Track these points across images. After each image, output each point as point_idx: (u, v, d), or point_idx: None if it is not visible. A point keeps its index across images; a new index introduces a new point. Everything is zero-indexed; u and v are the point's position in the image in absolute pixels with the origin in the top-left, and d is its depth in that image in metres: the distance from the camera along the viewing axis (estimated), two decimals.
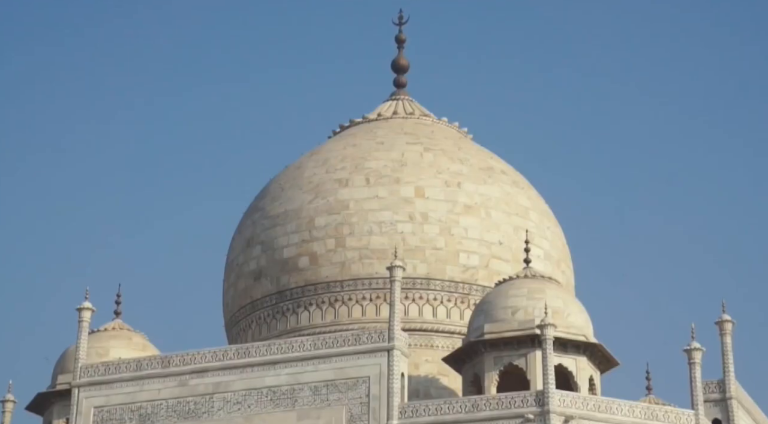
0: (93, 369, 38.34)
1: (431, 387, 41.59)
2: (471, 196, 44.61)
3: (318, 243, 44.06)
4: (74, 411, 37.89)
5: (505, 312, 37.97)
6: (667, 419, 35.23)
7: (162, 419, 37.16)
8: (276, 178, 47.50)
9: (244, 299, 45.71)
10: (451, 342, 42.19)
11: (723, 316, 38.60)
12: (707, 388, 37.82)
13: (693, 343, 36.45)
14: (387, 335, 36.25)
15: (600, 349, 37.93)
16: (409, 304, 43.01)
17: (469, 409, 35.01)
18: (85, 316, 39.02)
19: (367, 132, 47.44)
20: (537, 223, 45.43)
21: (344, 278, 43.58)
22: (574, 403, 34.64)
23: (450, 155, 45.85)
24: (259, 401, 36.64)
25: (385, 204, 44.08)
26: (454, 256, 43.68)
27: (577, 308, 38.85)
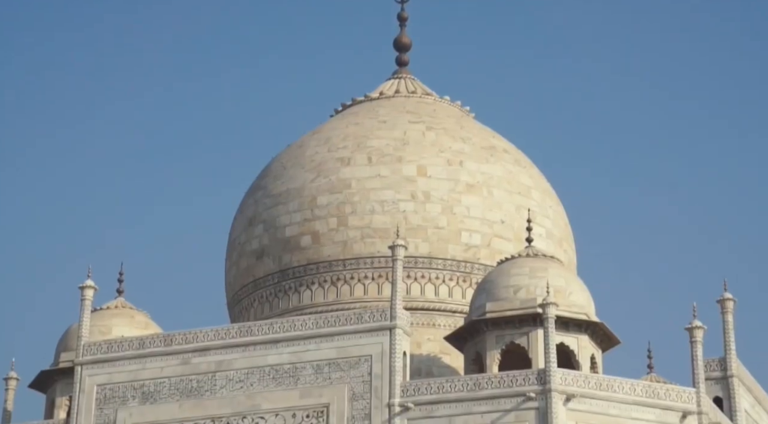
0: (96, 347, 38.42)
1: (433, 366, 41.66)
2: (473, 175, 44.58)
3: (320, 222, 44.07)
4: (77, 389, 37.98)
5: (507, 291, 38.00)
6: (669, 397, 35.30)
7: (164, 397, 37.25)
8: (278, 156, 47.48)
9: (246, 277, 45.76)
10: (453, 321, 42.24)
11: (724, 294, 38.65)
12: (708, 366, 37.90)
13: (694, 321, 36.49)
14: (389, 313, 36.31)
15: (602, 327, 37.99)
16: (411, 283, 43.05)
17: (471, 387, 35.08)
18: (87, 294, 39.08)
19: (369, 111, 47.38)
20: (539, 202, 45.41)
21: (346, 256, 43.60)
22: (576, 381, 34.71)
23: (452, 134, 45.81)
24: (262, 379, 36.73)
25: (387, 183, 44.05)
26: (456, 235, 43.69)
27: (579, 287, 38.89)
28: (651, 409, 34.96)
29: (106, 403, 37.65)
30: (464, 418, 34.71)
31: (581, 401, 34.49)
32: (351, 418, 35.46)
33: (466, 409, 34.79)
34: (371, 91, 49.18)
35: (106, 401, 37.70)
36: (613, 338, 38.60)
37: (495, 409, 34.58)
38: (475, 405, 34.77)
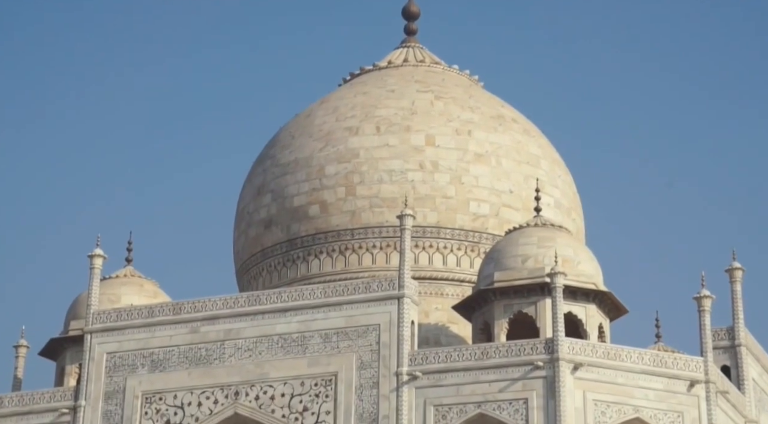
0: (105, 315, 38.57)
1: (441, 335, 41.76)
2: (481, 145, 44.52)
3: (328, 191, 44.08)
4: (87, 357, 38.16)
5: (515, 260, 38.03)
6: (676, 366, 35.36)
7: (174, 365, 37.41)
8: (286, 126, 47.44)
9: (254, 247, 45.83)
10: (461, 290, 42.31)
11: (733, 264, 38.64)
12: (716, 335, 37.95)
13: (703, 291, 36.50)
14: (397, 283, 36.36)
15: (609, 297, 38.02)
16: (419, 252, 43.09)
17: (479, 356, 35.15)
18: (96, 263, 39.19)
19: (378, 80, 47.28)
20: (548, 171, 45.35)
21: (354, 226, 43.63)
22: (584, 350, 34.77)
23: (460, 103, 45.71)
24: (270, 348, 36.85)
25: (396, 152, 44.02)
26: (465, 204, 43.68)
27: (587, 256, 38.90)
28: (658, 378, 35.04)
29: (115, 371, 37.83)
30: (472, 387, 34.81)
31: (589, 370, 34.57)
32: (359, 386, 35.58)
33: (474, 378, 34.88)
34: (380, 61, 49.06)
35: (116, 369, 37.87)
36: (621, 308, 38.65)
37: (502, 378, 34.67)
38: (482, 374, 34.86)
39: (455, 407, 34.80)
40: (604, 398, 34.50)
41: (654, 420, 34.67)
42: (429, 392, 35.04)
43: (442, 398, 34.91)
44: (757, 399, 38.68)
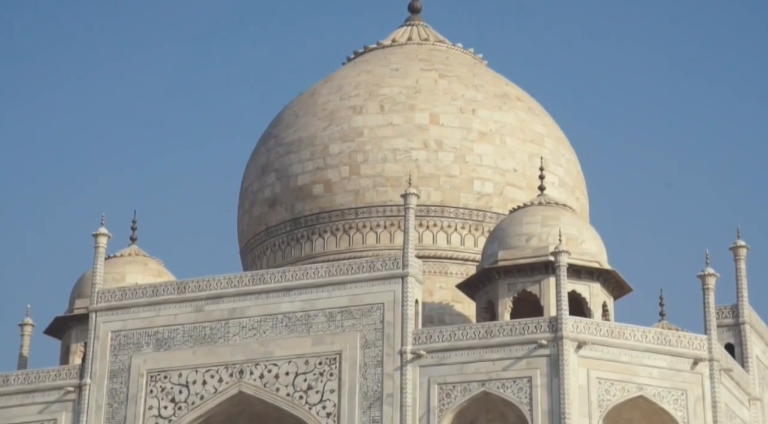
0: (110, 294, 38.64)
1: (445, 314, 41.81)
2: (486, 123, 44.46)
3: (332, 170, 44.05)
4: (92, 335, 38.24)
5: (519, 239, 38.03)
6: (680, 344, 35.40)
7: (178, 344, 37.50)
8: (290, 105, 47.39)
9: (258, 226, 45.86)
10: (465, 269, 42.32)
11: (738, 241, 38.62)
12: (720, 313, 37.95)
13: (707, 269, 36.48)
14: (401, 261, 36.38)
15: (613, 275, 38.04)
16: (423, 231, 43.10)
17: (483, 335, 35.20)
18: (101, 242, 39.24)
19: (382, 58, 47.17)
20: (552, 150, 45.29)
21: (358, 205, 43.62)
22: (587, 329, 34.80)
23: (465, 82, 45.62)
24: (275, 326, 36.91)
25: (400, 131, 43.97)
26: (469, 183, 43.65)
27: (591, 235, 38.90)
28: (662, 356, 35.07)
29: (120, 349, 37.93)
30: (476, 365, 34.86)
31: (593, 349, 34.61)
32: (363, 365, 35.64)
33: (478, 356, 34.93)
34: (383, 39, 48.94)
35: (121, 348, 37.97)
36: (625, 286, 38.66)
37: (506, 356, 34.73)
38: (486, 353, 34.91)
39: (459, 385, 34.86)
40: (608, 376, 34.56)
41: (658, 398, 34.73)
42: (433, 371, 35.11)
43: (446, 377, 34.97)
44: (760, 377, 38.73)
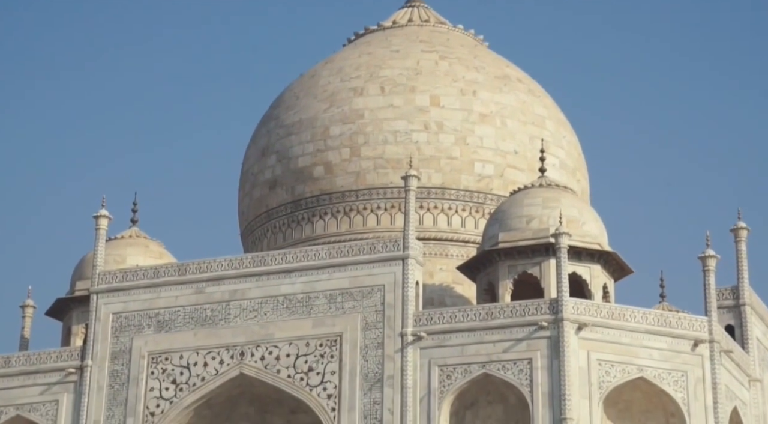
0: (111, 276, 38.67)
1: (446, 295, 41.85)
2: (486, 105, 44.40)
3: (333, 152, 44.03)
4: (93, 317, 38.29)
5: (520, 221, 38.03)
6: (680, 325, 35.43)
7: (179, 326, 37.55)
8: (290, 86, 47.32)
9: (259, 207, 45.86)
10: (466, 251, 42.34)
11: (738, 223, 38.61)
12: (721, 295, 37.97)
13: (708, 250, 36.49)
14: (402, 243, 36.39)
15: (614, 257, 38.05)
16: (424, 213, 43.10)
17: (483, 317, 35.22)
18: (102, 224, 39.25)
19: (382, 40, 47.08)
20: (553, 132, 45.25)
21: (359, 187, 43.62)
22: (588, 310, 34.83)
23: (465, 63, 45.54)
24: (275, 308, 36.95)
25: (400, 113, 43.93)
26: (469, 165, 43.63)
27: (592, 217, 38.89)
28: (663, 337, 35.11)
29: (121, 331, 37.98)
30: (476, 347, 34.90)
31: (593, 330, 34.64)
32: (364, 347, 35.68)
33: (479, 338, 34.97)
34: (384, 20, 48.83)
35: (122, 329, 38.02)
36: (626, 268, 38.68)
37: (507, 338, 34.76)
38: (487, 334, 34.95)
39: (460, 367, 34.91)
40: (609, 357, 34.60)
41: (658, 380, 34.79)
42: (433, 353, 35.15)
43: (447, 359, 35.02)
44: (761, 358, 38.79)
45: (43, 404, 38.09)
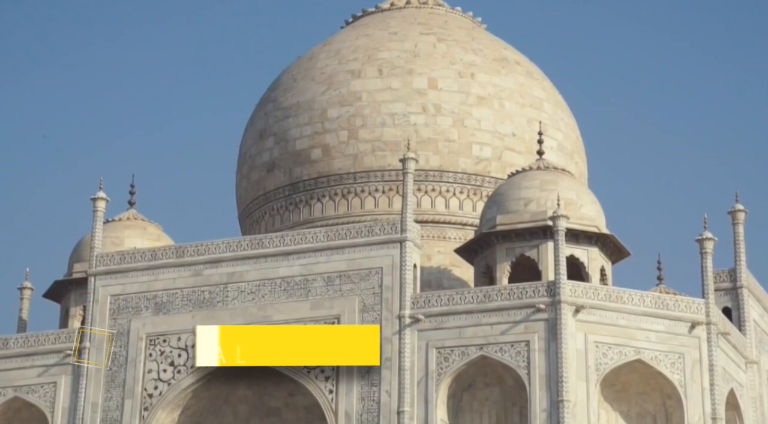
0: (108, 258, 38.68)
1: (443, 278, 41.89)
2: (484, 88, 44.36)
3: (330, 135, 44.00)
4: (91, 299, 38.31)
5: (518, 204, 38.04)
6: (678, 308, 35.49)
7: (177, 308, 37.58)
8: (288, 69, 47.24)
9: (257, 190, 45.85)
10: (464, 234, 42.37)
11: (736, 205, 38.64)
12: (718, 277, 38.05)
13: (705, 233, 36.54)
14: (399, 226, 36.41)
15: (612, 240, 38.08)
16: (422, 196, 43.10)
17: (481, 299, 35.27)
18: (99, 206, 39.24)
19: (380, 22, 46.99)
20: (551, 114, 45.23)
21: (357, 170, 43.61)
22: (585, 293, 34.89)
23: (463, 46, 45.48)
24: (273, 291, 36.97)
25: (398, 95, 43.88)
26: (467, 148, 43.62)
27: (590, 200, 38.91)
28: (660, 320, 35.18)
29: (119, 313, 38.02)
30: (474, 329, 34.97)
31: (590, 313, 34.70)
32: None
33: (476, 321, 35.03)
34: (382, 2, 48.72)
35: (120, 311, 38.06)
36: (623, 250, 38.72)
37: (505, 321, 34.82)
38: (484, 317, 35.00)
39: (457, 349, 34.97)
40: (606, 340, 34.67)
41: (655, 362, 34.87)
42: (431, 335, 35.21)
43: (444, 341, 35.08)
44: (758, 340, 38.87)
45: (41, 386, 38.15)
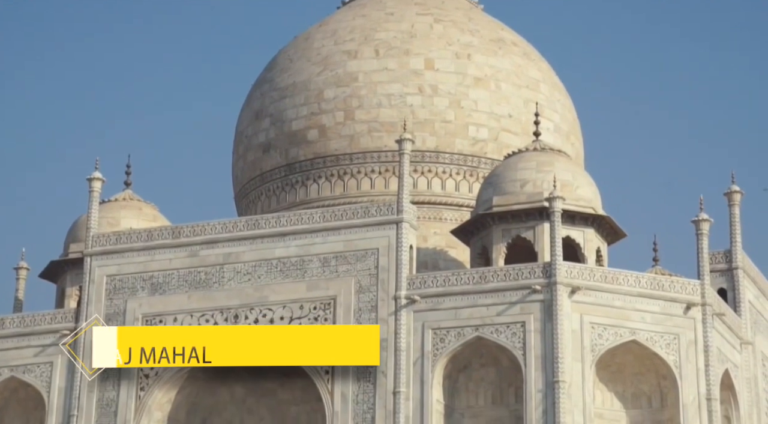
0: (105, 238, 38.66)
1: (439, 259, 41.93)
2: (481, 69, 44.30)
3: (327, 116, 43.95)
4: (87, 279, 38.32)
5: (514, 185, 38.05)
6: (673, 289, 35.55)
7: (173, 289, 37.59)
8: (284, 49, 47.14)
9: (253, 171, 45.82)
10: (460, 215, 42.39)
11: (732, 187, 38.66)
12: (714, 258, 38.08)
13: (701, 214, 36.57)
14: (396, 207, 36.42)
15: (608, 221, 38.11)
16: (418, 177, 43.09)
17: (477, 280, 35.31)
18: (95, 186, 39.19)
19: (377, 2, 46.87)
20: (547, 95, 45.19)
21: (353, 150, 43.58)
22: (581, 274, 34.93)
23: (460, 26, 45.40)
24: (269, 271, 36.99)
25: (395, 76, 43.83)
26: (464, 129, 43.59)
27: (586, 181, 38.92)
28: (655, 301, 35.24)
29: (115, 293, 38.03)
30: (470, 310, 35.02)
31: (586, 294, 34.76)
32: (357, 310, 35.77)
33: (472, 301, 35.08)
34: None
35: (116, 292, 38.06)
36: (619, 232, 38.75)
37: (500, 301, 34.87)
38: (480, 298, 35.05)
39: (453, 330, 35.03)
40: (601, 321, 34.74)
41: (650, 343, 34.94)
42: (427, 316, 35.25)
43: (441, 322, 35.13)
44: (753, 321, 38.96)
45: (38, 366, 38.20)
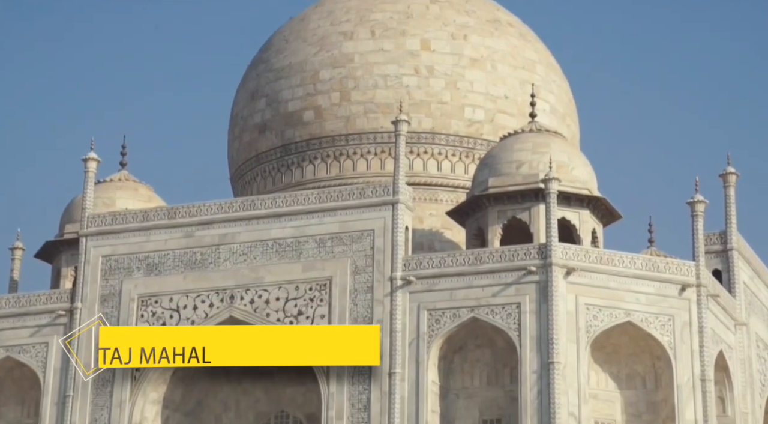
0: (100, 219, 38.62)
1: (435, 240, 41.94)
2: (477, 50, 44.23)
3: (323, 97, 43.89)
4: (82, 260, 38.29)
5: (510, 166, 38.04)
6: (668, 270, 35.59)
7: (169, 269, 37.59)
8: (280, 30, 47.03)
9: (249, 152, 45.77)
10: (456, 196, 42.38)
11: (727, 168, 38.67)
12: (708, 240, 38.12)
13: (696, 195, 36.59)
14: (391, 188, 36.41)
15: (603, 202, 38.12)
16: (414, 158, 43.07)
17: (473, 262, 35.33)
18: (90, 166, 39.14)
19: None
20: (543, 77, 45.13)
21: (349, 131, 43.54)
22: (576, 255, 34.96)
23: (456, 7, 45.30)
24: (265, 252, 36.99)
25: (391, 57, 43.74)
26: (460, 110, 43.55)
27: (582, 162, 38.92)
28: (650, 282, 35.28)
29: (111, 274, 38.02)
30: (465, 291, 35.06)
31: (581, 275, 34.79)
32: (353, 291, 35.80)
33: (468, 283, 35.11)
34: None
35: (112, 272, 38.05)
36: (615, 213, 38.78)
37: (496, 283, 34.91)
38: (476, 279, 35.08)
39: (449, 311, 35.07)
40: (596, 302, 34.80)
41: (645, 324, 35.01)
42: (423, 297, 35.29)
43: (436, 303, 35.17)
44: (747, 302, 39.02)
45: (33, 346, 38.23)
